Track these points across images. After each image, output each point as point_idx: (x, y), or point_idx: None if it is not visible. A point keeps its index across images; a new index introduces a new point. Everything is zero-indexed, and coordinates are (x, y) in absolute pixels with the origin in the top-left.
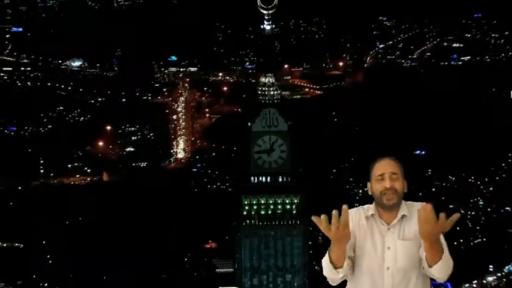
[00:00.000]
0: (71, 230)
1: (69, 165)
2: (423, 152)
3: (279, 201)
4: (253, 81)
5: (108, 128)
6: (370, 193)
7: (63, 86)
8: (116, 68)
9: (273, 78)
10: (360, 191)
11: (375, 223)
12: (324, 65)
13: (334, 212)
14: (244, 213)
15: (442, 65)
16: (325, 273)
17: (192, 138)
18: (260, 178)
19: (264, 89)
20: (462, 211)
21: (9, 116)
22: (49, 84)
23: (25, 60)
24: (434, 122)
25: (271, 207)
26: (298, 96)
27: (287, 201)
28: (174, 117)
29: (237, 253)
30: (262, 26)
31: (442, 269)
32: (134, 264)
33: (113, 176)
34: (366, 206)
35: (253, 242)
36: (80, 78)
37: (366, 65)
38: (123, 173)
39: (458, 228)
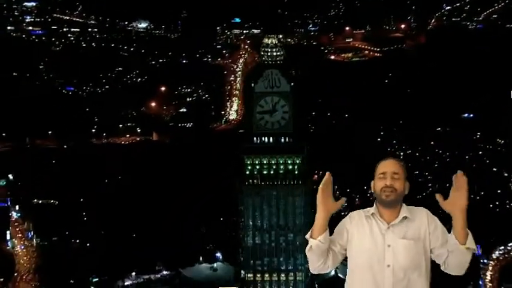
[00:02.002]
0: (109, 188)
1: (121, 125)
2: (471, 115)
3: (281, 162)
4: (314, 43)
5: (163, 89)
6: (372, 190)
7: (125, 47)
8: (180, 30)
9: (277, 39)
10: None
11: (375, 222)
12: (386, 27)
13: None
14: (247, 172)
15: (508, 27)
16: (306, 249)
17: None
18: (263, 138)
19: (267, 50)
20: (506, 174)
21: (69, 76)
22: (112, 45)
23: (92, 22)
24: (490, 86)
25: (274, 167)
26: (357, 59)
27: (289, 162)
28: (232, 78)
29: (240, 212)
30: None
31: (472, 239)
32: (168, 224)
33: (162, 136)
34: (367, 208)
35: (255, 201)
36: (143, 39)
37: (429, 27)
38: (172, 133)
39: (499, 191)
